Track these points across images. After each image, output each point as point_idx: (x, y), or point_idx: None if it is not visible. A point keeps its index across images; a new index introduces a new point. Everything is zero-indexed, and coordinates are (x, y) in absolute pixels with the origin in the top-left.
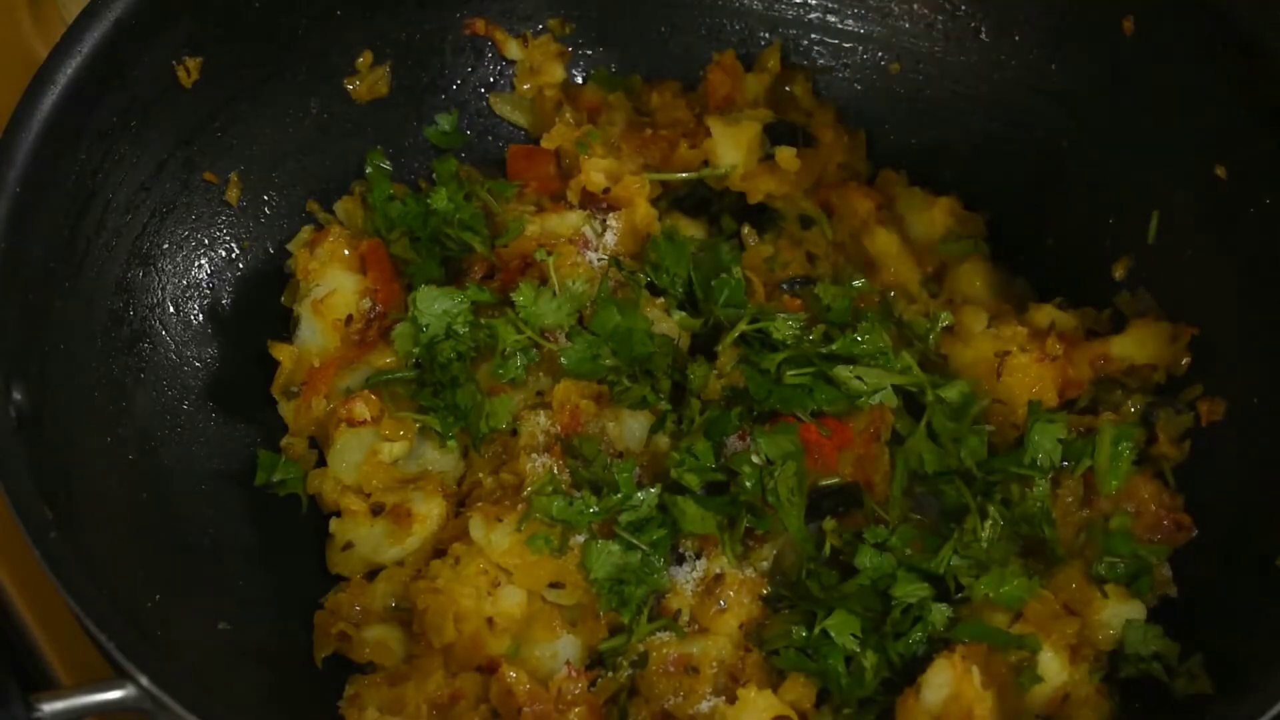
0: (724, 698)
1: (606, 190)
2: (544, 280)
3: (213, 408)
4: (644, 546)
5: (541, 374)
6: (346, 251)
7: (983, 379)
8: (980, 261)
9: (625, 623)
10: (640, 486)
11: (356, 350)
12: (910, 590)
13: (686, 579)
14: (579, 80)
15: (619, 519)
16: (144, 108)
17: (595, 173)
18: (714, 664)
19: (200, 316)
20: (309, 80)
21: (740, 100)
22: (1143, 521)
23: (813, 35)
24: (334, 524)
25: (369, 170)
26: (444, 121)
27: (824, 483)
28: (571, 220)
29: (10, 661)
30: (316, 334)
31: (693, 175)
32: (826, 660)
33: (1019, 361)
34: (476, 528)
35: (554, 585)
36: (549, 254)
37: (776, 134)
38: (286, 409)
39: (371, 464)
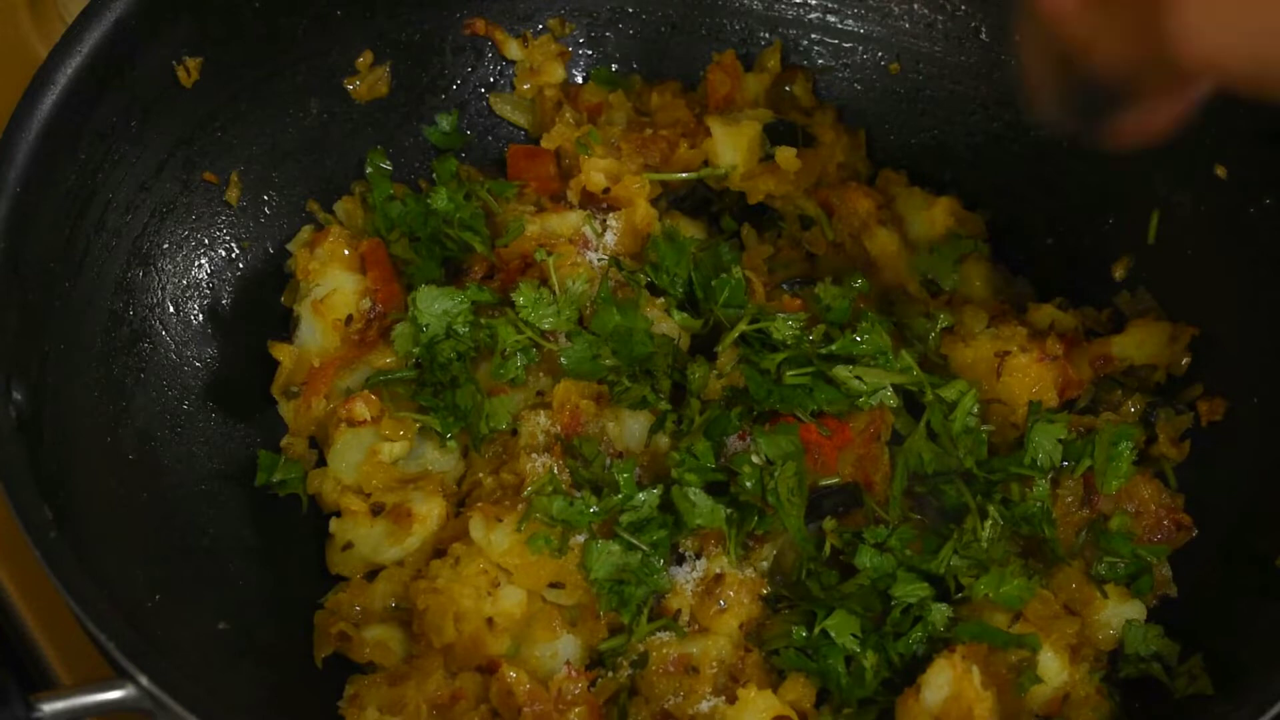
0: (724, 698)
1: (606, 190)
2: (544, 280)
3: (213, 408)
4: (644, 547)
5: (541, 374)
6: (346, 251)
7: (983, 379)
8: (980, 261)
9: (625, 623)
10: (641, 487)
11: (356, 350)
12: (910, 590)
13: (686, 579)
14: (579, 80)
15: (620, 519)
16: (144, 108)
17: (595, 173)
18: (714, 664)
19: (200, 316)
20: (309, 80)
21: (740, 100)
22: (1143, 521)
23: (813, 35)
24: (334, 524)
25: (369, 170)
26: (444, 121)
27: (824, 483)
28: (571, 220)
29: (10, 661)
30: (316, 334)
31: (693, 175)
32: (826, 660)
33: (1019, 361)
34: (476, 528)
35: (554, 585)
36: (549, 254)
37: (776, 134)
38: (286, 409)
39: (371, 464)
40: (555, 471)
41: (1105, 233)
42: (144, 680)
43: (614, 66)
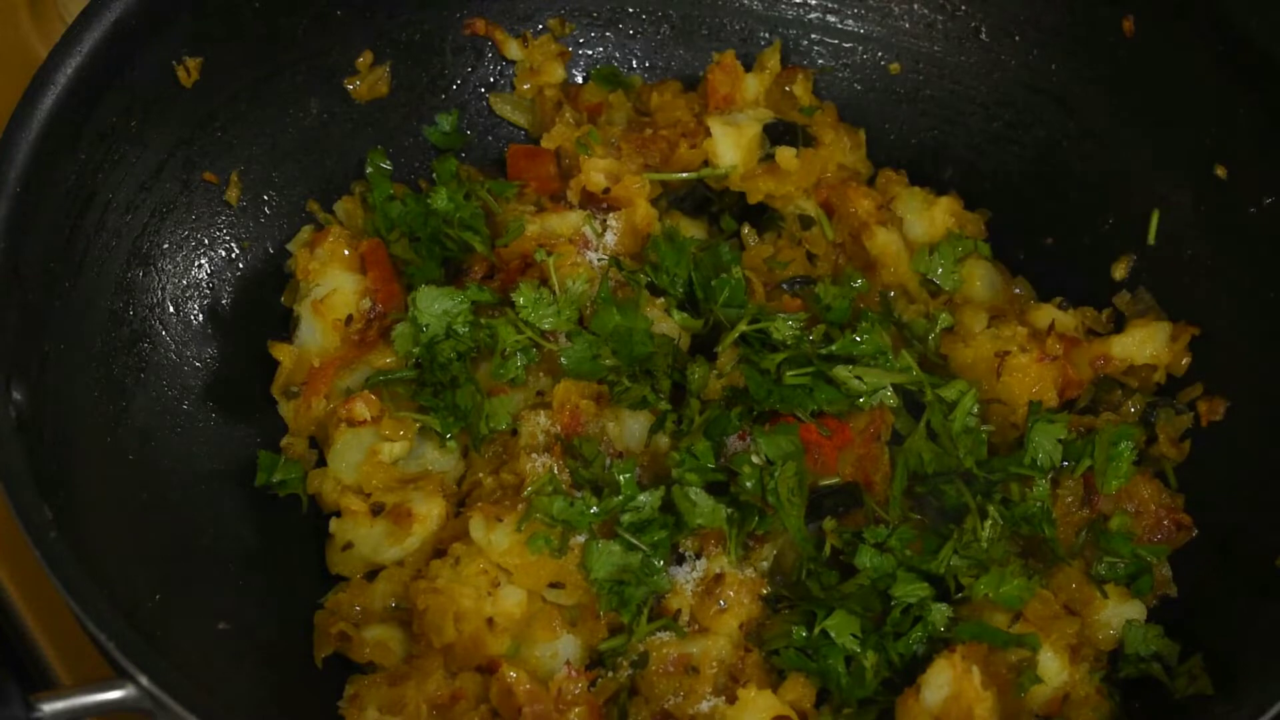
0: (724, 698)
1: (606, 190)
2: (544, 280)
3: (213, 408)
4: (644, 547)
5: (541, 374)
6: (346, 251)
7: (983, 379)
8: (980, 261)
9: (625, 623)
10: (642, 487)
11: (356, 350)
12: (910, 590)
13: (686, 579)
14: (579, 80)
15: (621, 519)
16: (144, 108)
17: (595, 173)
18: (714, 664)
19: (200, 316)
20: (309, 80)
21: (740, 100)
22: (1143, 521)
23: (813, 35)
24: (334, 524)
25: (369, 170)
26: (444, 121)
27: (824, 483)
28: (571, 220)
29: (10, 661)
30: (316, 334)
31: (693, 175)
32: (826, 660)
33: (1019, 361)
34: (476, 528)
35: (554, 585)
36: (549, 254)
37: (776, 134)
38: (286, 409)
39: (371, 464)
40: (555, 471)
41: (1105, 233)
42: (144, 680)
43: (614, 65)
